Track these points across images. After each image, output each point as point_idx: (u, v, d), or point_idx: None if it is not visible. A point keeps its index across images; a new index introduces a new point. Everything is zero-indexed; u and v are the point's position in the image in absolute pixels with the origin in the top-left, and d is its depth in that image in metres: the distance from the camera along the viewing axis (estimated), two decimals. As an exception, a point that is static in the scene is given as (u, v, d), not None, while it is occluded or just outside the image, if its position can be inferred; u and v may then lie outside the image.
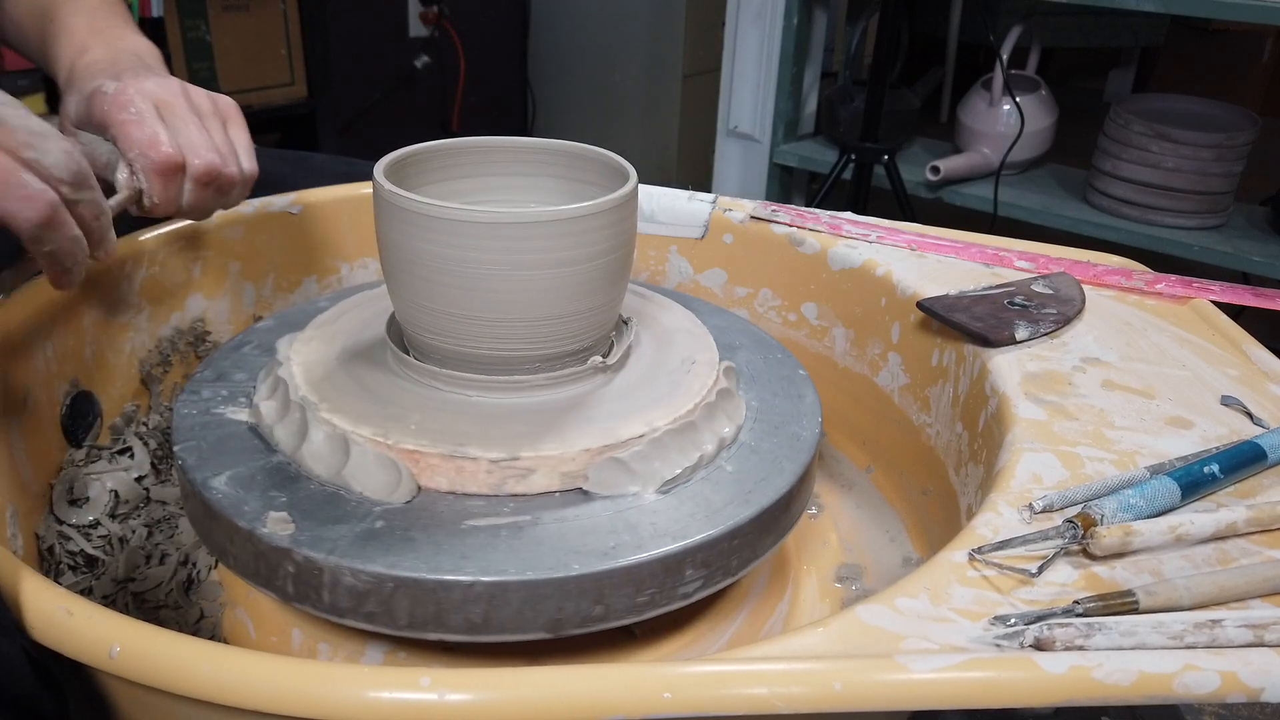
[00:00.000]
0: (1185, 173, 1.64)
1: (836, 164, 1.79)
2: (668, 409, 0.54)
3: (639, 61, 2.50)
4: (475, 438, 0.51)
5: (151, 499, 0.66)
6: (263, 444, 0.54)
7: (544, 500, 0.51)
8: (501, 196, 0.63)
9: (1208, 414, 0.57)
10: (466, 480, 0.51)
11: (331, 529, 0.48)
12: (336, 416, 0.52)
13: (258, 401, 0.56)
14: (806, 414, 0.60)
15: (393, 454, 0.50)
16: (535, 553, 0.47)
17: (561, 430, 0.53)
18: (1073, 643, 0.39)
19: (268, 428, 0.54)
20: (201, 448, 0.54)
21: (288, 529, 0.48)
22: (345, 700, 0.36)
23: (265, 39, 1.90)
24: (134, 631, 0.39)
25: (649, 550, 0.48)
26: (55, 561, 0.60)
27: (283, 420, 0.54)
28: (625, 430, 0.53)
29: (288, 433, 0.54)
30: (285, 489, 0.51)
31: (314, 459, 0.52)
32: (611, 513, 0.50)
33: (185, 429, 0.55)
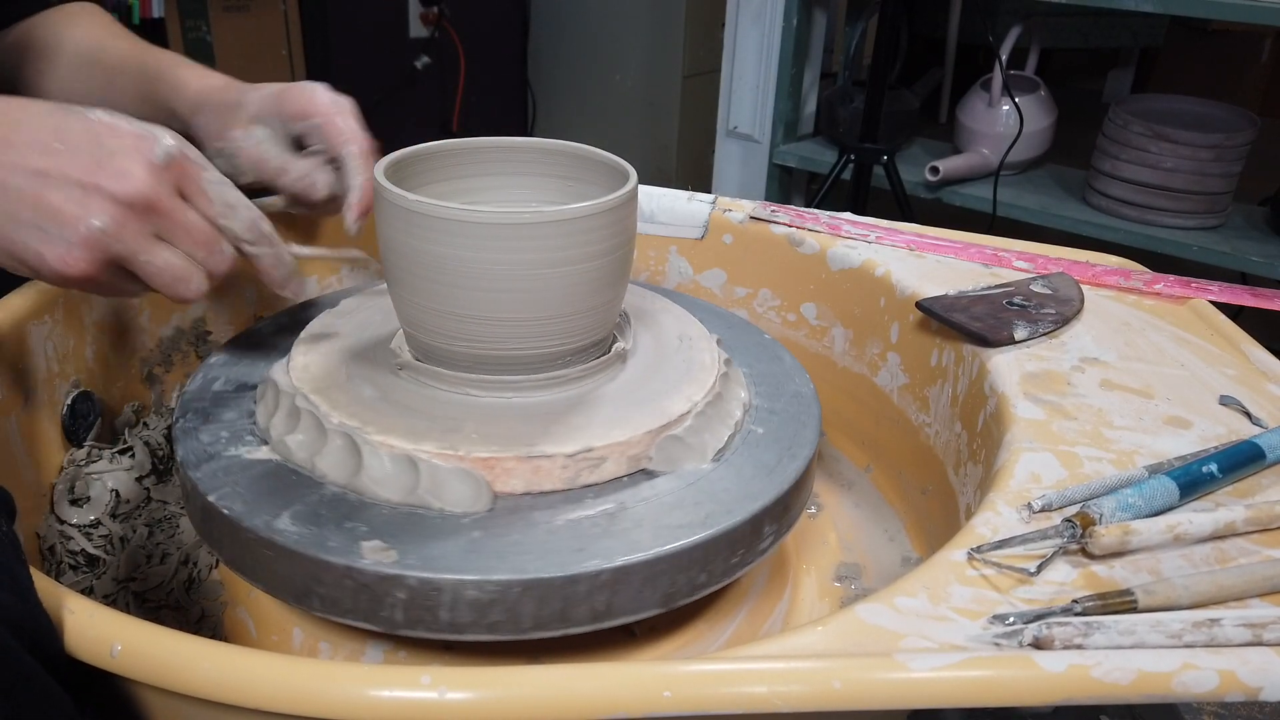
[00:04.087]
0: (1184, 173, 1.64)
1: (836, 164, 1.79)
2: (697, 384, 0.57)
3: (639, 61, 2.50)
4: (540, 436, 0.52)
5: (152, 498, 0.66)
6: (303, 478, 0.52)
7: (616, 485, 0.52)
8: (502, 196, 0.63)
9: (1206, 414, 0.58)
10: (543, 479, 0.51)
11: (434, 547, 0.47)
12: (391, 437, 0.51)
13: (281, 436, 0.53)
14: (794, 373, 0.64)
15: (467, 464, 0.50)
16: (640, 533, 0.49)
17: (617, 417, 0.54)
18: (1071, 641, 0.39)
19: (304, 461, 0.52)
20: (241, 493, 0.50)
21: (390, 556, 0.46)
22: (346, 699, 0.36)
23: (265, 39, 1.90)
24: (135, 630, 0.39)
25: (738, 514, 0.50)
26: (56, 561, 0.60)
27: (322, 451, 0.52)
28: (674, 408, 0.55)
29: (334, 462, 0.51)
30: (358, 518, 0.49)
31: (379, 484, 0.50)
32: (684, 486, 0.52)
33: (209, 477, 0.51)
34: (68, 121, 0.48)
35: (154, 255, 0.49)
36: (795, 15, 1.91)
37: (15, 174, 0.46)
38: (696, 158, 2.49)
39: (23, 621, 0.37)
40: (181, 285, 0.51)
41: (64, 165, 0.47)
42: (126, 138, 0.49)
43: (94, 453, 0.65)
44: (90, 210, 0.47)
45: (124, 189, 0.47)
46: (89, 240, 0.47)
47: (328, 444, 0.52)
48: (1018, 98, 1.83)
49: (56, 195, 0.47)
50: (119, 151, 0.48)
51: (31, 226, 0.47)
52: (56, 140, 0.47)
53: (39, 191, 0.46)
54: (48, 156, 0.47)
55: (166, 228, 0.50)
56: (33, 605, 0.38)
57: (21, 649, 0.36)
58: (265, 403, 0.57)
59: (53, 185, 0.47)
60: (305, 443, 0.53)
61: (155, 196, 0.48)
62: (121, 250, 0.48)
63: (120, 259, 0.49)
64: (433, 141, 0.61)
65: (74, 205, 0.47)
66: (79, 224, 0.47)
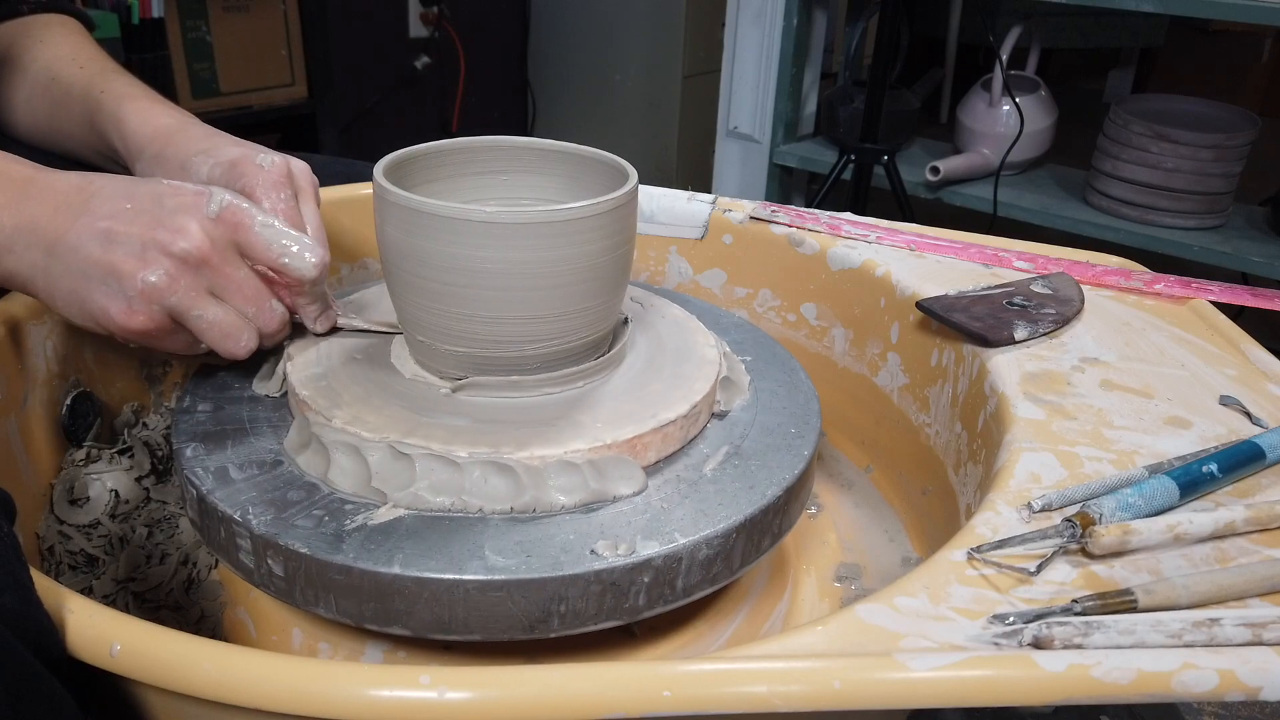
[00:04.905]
0: (1184, 173, 1.64)
1: (836, 164, 1.79)
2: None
3: (639, 61, 2.50)
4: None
5: (152, 499, 0.66)
6: (361, 506, 0.50)
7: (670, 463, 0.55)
8: (501, 196, 0.63)
9: (1206, 414, 0.58)
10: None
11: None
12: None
13: (333, 478, 0.51)
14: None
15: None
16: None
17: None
18: (1071, 641, 0.39)
19: (374, 495, 0.50)
20: (332, 537, 0.47)
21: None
22: (346, 698, 0.36)
23: (266, 39, 1.90)
24: (135, 630, 0.39)
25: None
26: (56, 561, 0.60)
27: (418, 482, 0.50)
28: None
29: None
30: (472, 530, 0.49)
31: (565, 492, 0.51)
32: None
33: (271, 526, 0.48)
34: (139, 188, 0.52)
35: (205, 310, 0.52)
36: (795, 15, 1.91)
37: (87, 236, 0.50)
38: (696, 158, 2.49)
39: (25, 622, 0.37)
40: (231, 341, 0.53)
41: (128, 225, 0.50)
42: (186, 195, 0.52)
43: (93, 453, 0.65)
44: (148, 265, 0.50)
45: (179, 244, 0.50)
46: (146, 294, 0.50)
47: (414, 481, 0.50)
48: (1018, 98, 1.83)
49: (119, 253, 0.50)
50: (178, 209, 0.51)
51: (99, 283, 0.50)
52: (126, 203, 0.51)
53: (106, 251, 0.50)
54: (115, 219, 0.50)
55: (219, 283, 0.52)
56: (34, 606, 0.38)
57: (24, 649, 0.36)
58: (305, 441, 0.54)
59: (117, 243, 0.50)
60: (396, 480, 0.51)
61: (208, 251, 0.51)
62: (176, 304, 0.51)
63: (175, 313, 0.51)
64: (433, 141, 0.61)
65: (134, 261, 0.50)
66: (137, 278, 0.49)
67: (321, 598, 0.47)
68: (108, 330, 0.52)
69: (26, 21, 0.77)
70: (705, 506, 0.51)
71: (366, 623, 0.47)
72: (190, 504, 0.52)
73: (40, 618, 0.38)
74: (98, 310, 0.51)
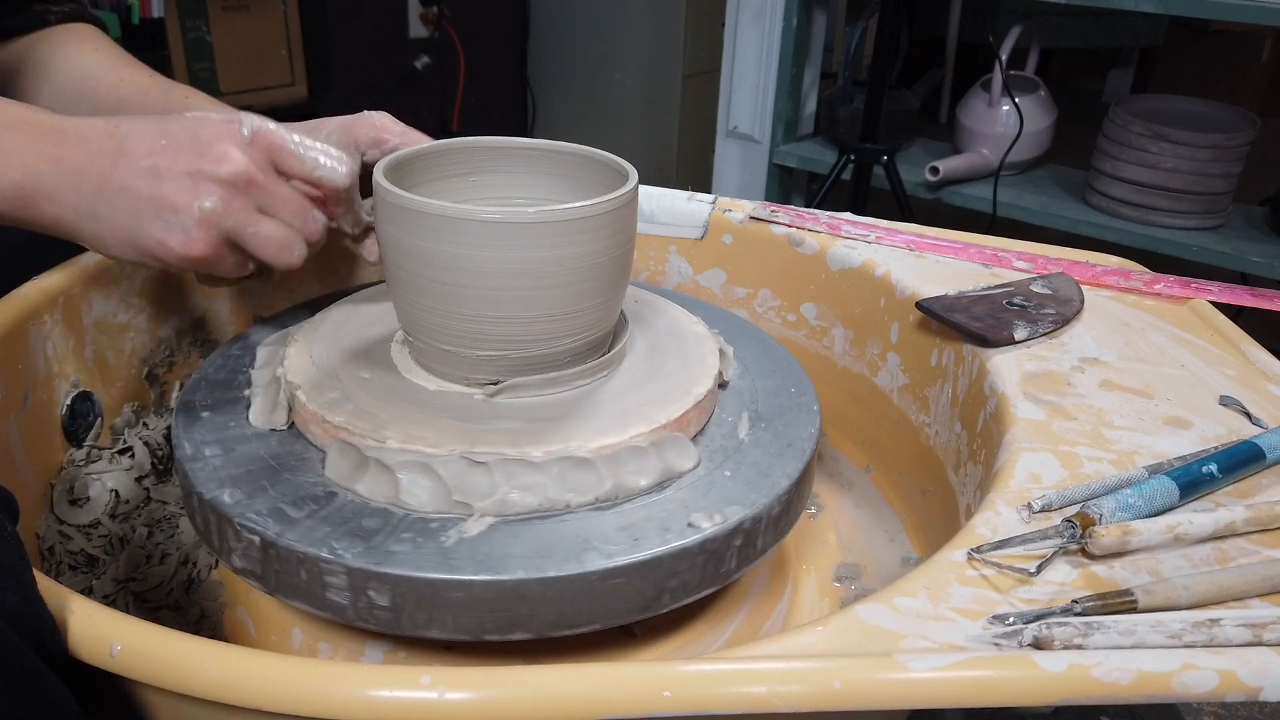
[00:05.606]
0: (1184, 173, 1.64)
1: (836, 164, 1.79)
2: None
3: (639, 61, 2.50)
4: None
5: (152, 499, 0.66)
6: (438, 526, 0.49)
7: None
8: (501, 196, 0.63)
9: (1206, 414, 0.58)
10: None
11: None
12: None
13: (405, 500, 0.50)
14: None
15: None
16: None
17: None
18: (1071, 642, 0.39)
19: (457, 509, 0.50)
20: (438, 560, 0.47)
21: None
22: (346, 698, 0.36)
23: (265, 39, 1.90)
24: (135, 630, 0.39)
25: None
26: (56, 561, 0.60)
27: (501, 488, 0.50)
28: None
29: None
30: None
31: (641, 475, 0.52)
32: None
33: (366, 558, 0.46)
34: (168, 125, 0.53)
35: (260, 227, 0.54)
36: (795, 15, 1.91)
37: (132, 176, 0.52)
38: (696, 158, 2.49)
39: (27, 621, 0.37)
40: (286, 252, 0.55)
41: (171, 160, 0.52)
42: (218, 125, 0.53)
43: (94, 453, 0.65)
44: (200, 194, 0.51)
45: (225, 170, 0.52)
46: (204, 221, 0.52)
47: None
48: (1018, 98, 1.83)
49: (169, 187, 0.51)
50: (215, 139, 0.53)
51: (152, 218, 0.52)
52: (162, 139, 0.52)
53: (155, 186, 0.51)
54: (156, 156, 0.52)
55: (266, 200, 0.54)
56: (36, 605, 0.38)
57: (26, 649, 0.36)
58: (358, 467, 0.53)
59: (165, 179, 0.51)
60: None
61: (252, 172, 0.53)
62: (232, 226, 0.53)
63: (231, 235, 0.53)
64: (433, 141, 0.61)
65: (186, 193, 0.51)
66: (194, 207, 0.51)
67: (436, 619, 0.46)
68: (163, 262, 0.53)
69: (55, 31, 0.77)
70: (760, 468, 0.55)
71: (486, 634, 0.47)
72: (246, 552, 0.48)
73: (42, 617, 0.38)
74: (154, 244, 0.52)
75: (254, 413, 0.56)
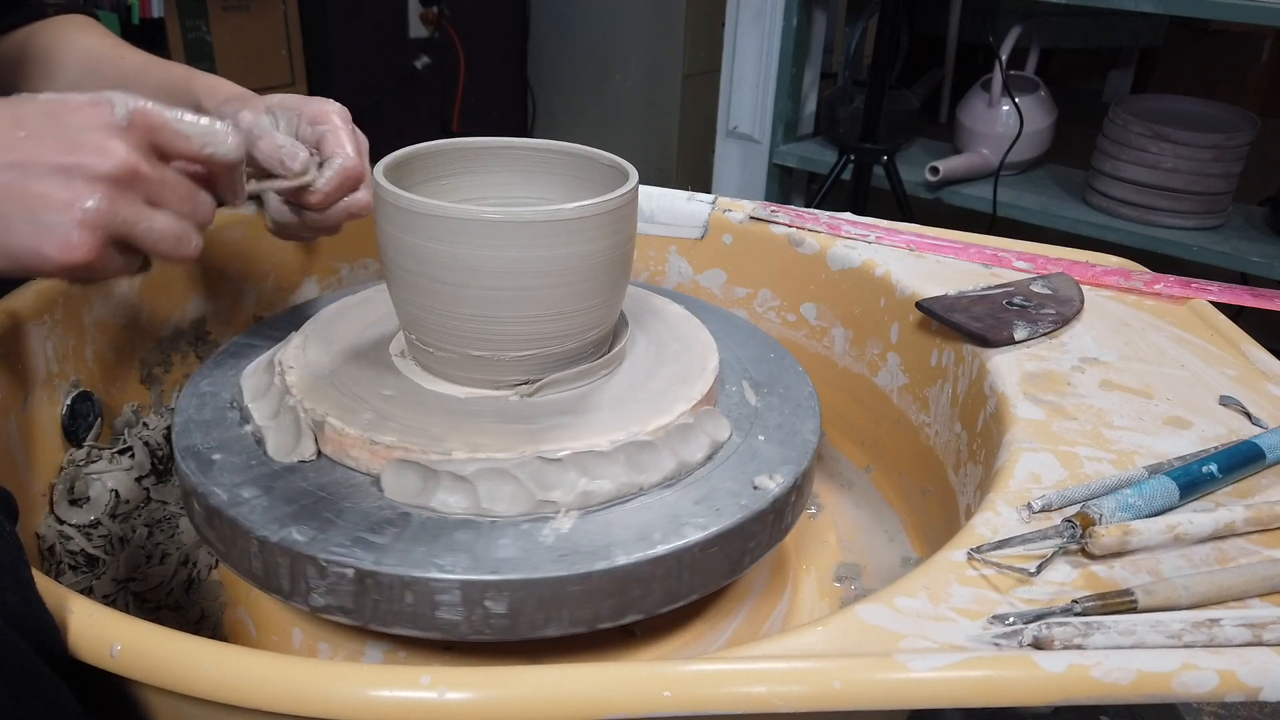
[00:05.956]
0: (1184, 173, 1.64)
1: (836, 164, 1.79)
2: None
3: (639, 61, 2.50)
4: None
5: (152, 499, 0.66)
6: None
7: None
8: (501, 196, 0.63)
9: (1206, 414, 0.58)
10: None
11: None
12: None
13: (490, 507, 0.50)
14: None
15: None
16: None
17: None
18: (1071, 642, 0.39)
19: (543, 508, 0.50)
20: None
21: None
22: (346, 698, 0.36)
23: (265, 39, 1.90)
24: (135, 630, 0.39)
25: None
26: (56, 561, 0.60)
27: (580, 481, 0.51)
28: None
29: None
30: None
31: (697, 450, 0.54)
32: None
33: (478, 569, 0.46)
34: (20, 109, 0.46)
35: (153, 221, 0.48)
36: (795, 15, 1.91)
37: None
38: (696, 158, 2.49)
39: (27, 621, 0.37)
40: (183, 244, 0.50)
41: (36, 153, 0.45)
42: (84, 109, 0.47)
43: (94, 453, 0.65)
44: (79, 192, 0.45)
45: (105, 164, 0.46)
46: (86, 222, 0.45)
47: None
48: (1018, 98, 1.83)
49: (40, 185, 0.45)
50: (84, 127, 0.46)
51: (23, 222, 0.45)
52: (18, 129, 0.45)
53: (22, 185, 0.45)
54: (16, 148, 0.45)
55: (154, 191, 0.48)
56: (36, 605, 0.38)
57: (27, 649, 0.36)
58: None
59: (33, 176, 0.45)
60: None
61: (135, 162, 0.47)
62: (120, 224, 0.47)
63: (119, 234, 0.47)
64: (433, 141, 0.61)
65: (62, 190, 0.45)
66: (75, 208, 0.45)
67: (553, 617, 0.47)
68: (40, 273, 0.47)
69: (55, 21, 0.76)
70: (786, 428, 0.59)
71: (600, 623, 0.48)
72: (335, 587, 0.47)
73: (42, 616, 0.38)
74: (25, 253, 0.45)
75: (274, 447, 0.53)
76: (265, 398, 0.56)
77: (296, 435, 0.53)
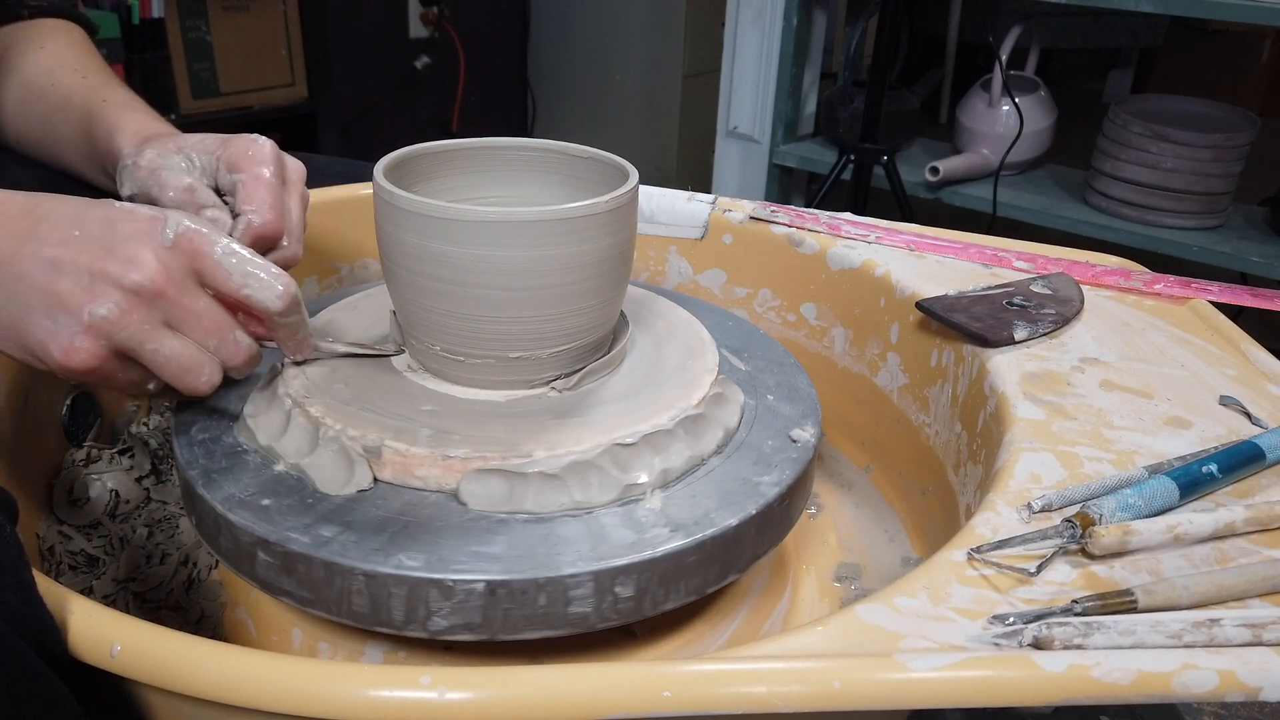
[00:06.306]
0: (1184, 173, 1.64)
1: (836, 164, 1.79)
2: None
3: (639, 61, 2.50)
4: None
5: (152, 499, 0.66)
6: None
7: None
8: (501, 196, 0.63)
9: (1206, 414, 0.58)
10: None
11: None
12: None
13: (581, 497, 0.50)
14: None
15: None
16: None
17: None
18: (1071, 642, 0.39)
19: (630, 492, 0.51)
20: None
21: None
22: (346, 699, 0.36)
23: (265, 39, 1.90)
24: (135, 630, 0.39)
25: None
26: (56, 561, 0.60)
27: (660, 456, 0.53)
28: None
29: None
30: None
31: (724, 423, 0.56)
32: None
33: (600, 558, 0.47)
34: (89, 211, 0.47)
35: (161, 344, 0.47)
36: (795, 15, 1.91)
37: (34, 264, 0.46)
38: (696, 158, 2.49)
39: (26, 621, 0.37)
40: (191, 376, 0.48)
41: (76, 254, 0.46)
42: (141, 221, 0.47)
43: (94, 453, 0.65)
44: (96, 298, 0.45)
45: (131, 276, 0.46)
46: (93, 328, 0.46)
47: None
48: (1018, 98, 1.83)
49: (65, 283, 0.45)
50: (130, 237, 0.47)
51: (42, 316, 0.46)
52: (75, 229, 0.46)
53: (50, 280, 0.45)
54: (63, 246, 0.46)
55: (175, 315, 0.48)
56: (36, 605, 0.38)
57: (27, 649, 0.36)
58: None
59: (64, 273, 0.45)
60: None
61: (163, 283, 0.46)
62: (126, 339, 0.46)
63: (126, 349, 0.47)
64: (433, 141, 0.61)
65: (81, 293, 0.45)
66: (84, 312, 0.45)
67: (673, 592, 0.49)
68: (47, 367, 0.47)
69: (26, 25, 0.75)
70: (785, 386, 0.62)
71: (709, 589, 0.51)
72: (464, 604, 0.46)
73: (42, 617, 0.38)
74: (36, 344, 0.46)
75: (325, 482, 0.51)
76: (289, 434, 0.53)
77: (347, 466, 0.51)
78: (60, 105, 0.71)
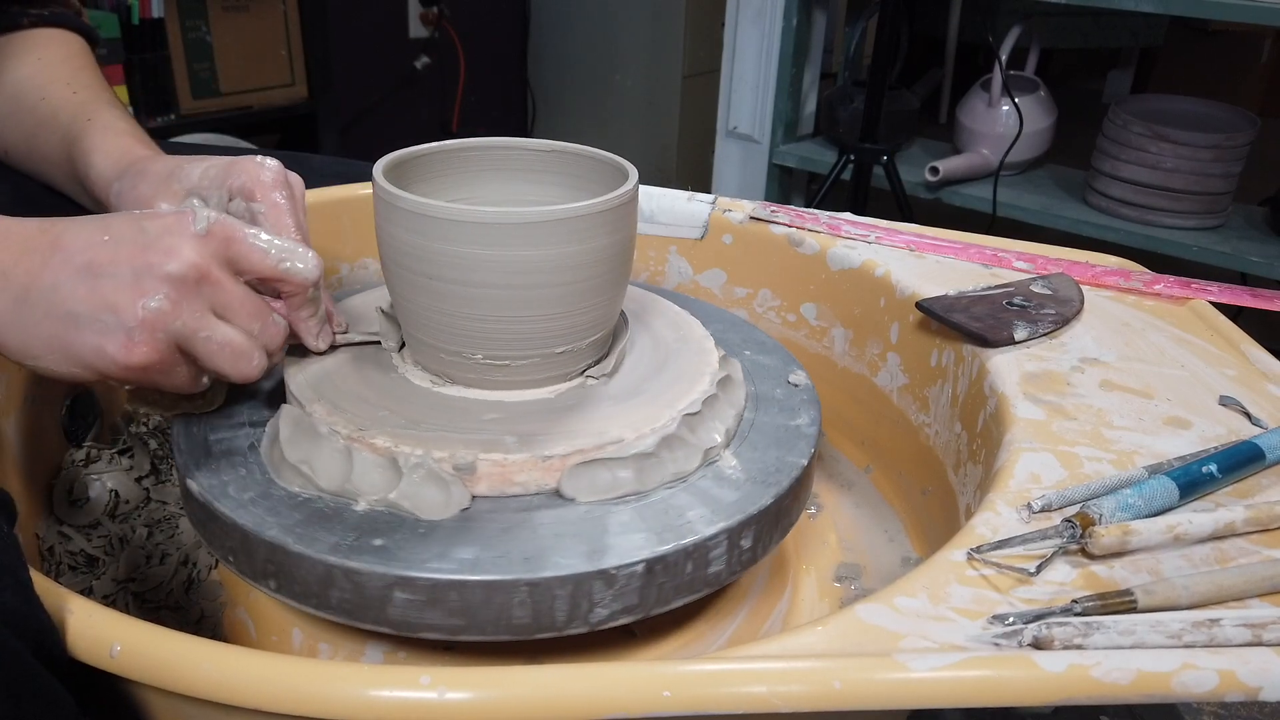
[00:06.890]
0: (1184, 173, 1.64)
1: (836, 164, 1.79)
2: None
3: (639, 61, 2.50)
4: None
5: (151, 499, 0.66)
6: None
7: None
8: (502, 196, 0.63)
9: (1206, 414, 0.58)
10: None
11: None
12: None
13: (641, 481, 0.52)
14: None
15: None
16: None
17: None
18: (1071, 642, 0.39)
19: (675, 479, 0.53)
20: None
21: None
22: (346, 699, 0.36)
23: (265, 39, 1.90)
24: (135, 630, 0.39)
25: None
26: (55, 561, 0.60)
27: (696, 432, 0.55)
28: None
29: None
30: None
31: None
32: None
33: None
34: (112, 220, 0.48)
35: (214, 331, 0.48)
36: (795, 15, 1.91)
37: (66, 273, 0.45)
38: (696, 158, 2.49)
39: (25, 622, 0.37)
40: (243, 361, 0.49)
41: (113, 254, 0.46)
42: (168, 218, 0.48)
43: (93, 453, 0.65)
44: (144, 292, 0.45)
45: (172, 264, 0.46)
46: (148, 322, 0.45)
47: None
48: (1018, 98, 1.83)
49: (107, 284, 0.45)
50: (162, 232, 0.47)
51: (89, 321, 0.45)
52: (103, 234, 0.47)
53: (91, 285, 0.45)
54: (94, 250, 0.46)
55: (221, 301, 0.48)
56: (35, 607, 0.38)
57: (25, 650, 0.36)
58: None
59: (104, 275, 0.45)
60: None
61: (205, 267, 0.47)
62: (180, 329, 0.47)
63: (181, 338, 0.47)
64: (432, 141, 0.61)
65: (127, 289, 0.45)
66: (136, 306, 0.45)
67: (774, 541, 0.54)
68: (101, 373, 0.47)
69: (25, 35, 0.74)
70: (761, 349, 0.66)
71: (759, 560, 0.53)
72: (628, 586, 0.47)
73: (40, 617, 0.38)
74: (89, 351, 0.46)
75: (428, 509, 0.49)
76: (360, 472, 0.50)
77: (443, 488, 0.49)
78: (47, 120, 0.69)
